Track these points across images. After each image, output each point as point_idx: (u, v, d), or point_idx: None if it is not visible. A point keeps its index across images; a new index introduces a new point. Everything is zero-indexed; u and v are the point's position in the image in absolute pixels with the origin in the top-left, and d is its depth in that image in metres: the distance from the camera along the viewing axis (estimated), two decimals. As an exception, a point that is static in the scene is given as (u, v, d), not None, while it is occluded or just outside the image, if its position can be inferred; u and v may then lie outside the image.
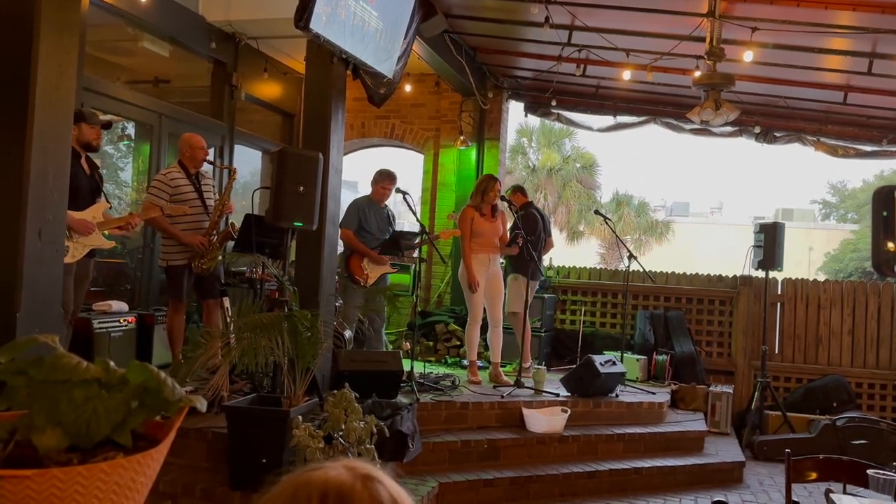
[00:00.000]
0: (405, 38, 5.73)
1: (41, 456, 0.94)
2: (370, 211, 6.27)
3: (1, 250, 3.09)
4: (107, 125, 4.83)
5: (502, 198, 6.35)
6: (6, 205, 3.09)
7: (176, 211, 5.05)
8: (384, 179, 6.31)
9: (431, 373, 6.02)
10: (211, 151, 5.98)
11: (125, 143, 7.14)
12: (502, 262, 6.49)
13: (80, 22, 3.51)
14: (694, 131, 8.35)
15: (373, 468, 0.83)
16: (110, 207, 4.80)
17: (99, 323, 5.17)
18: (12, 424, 0.98)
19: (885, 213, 3.46)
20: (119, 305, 5.57)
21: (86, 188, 4.57)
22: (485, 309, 6.24)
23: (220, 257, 5.25)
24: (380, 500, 0.79)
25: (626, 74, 6.88)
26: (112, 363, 1.02)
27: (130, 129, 7.02)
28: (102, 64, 7.00)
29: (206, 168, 5.49)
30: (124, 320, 5.43)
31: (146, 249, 6.68)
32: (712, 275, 8.29)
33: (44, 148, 3.14)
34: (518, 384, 5.83)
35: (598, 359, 5.95)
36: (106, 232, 4.66)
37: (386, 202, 6.47)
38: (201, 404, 1.01)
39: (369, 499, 0.78)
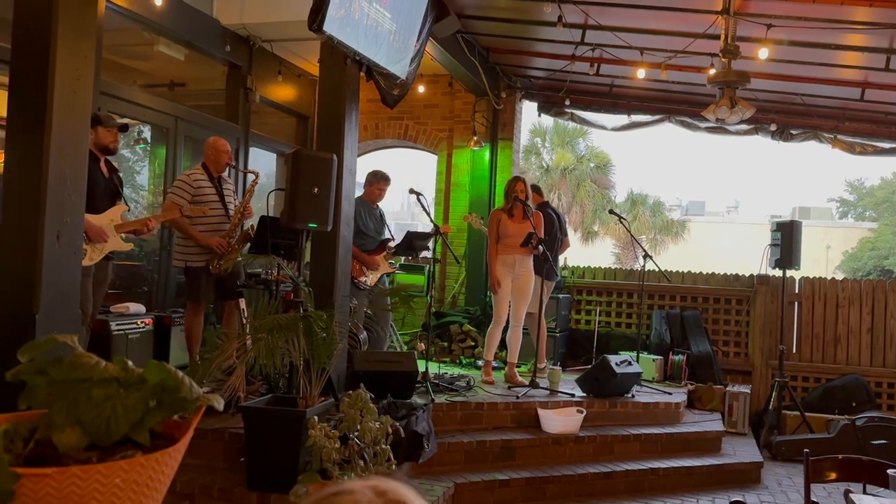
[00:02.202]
0: (418, 39, 5.74)
1: (61, 454, 0.95)
2: (365, 212, 6.31)
3: (20, 252, 3.13)
4: (123, 128, 4.89)
5: (516, 198, 6.34)
6: (25, 208, 3.13)
7: (195, 212, 5.10)
8: (380, 181, 6.39)
9: (446, 373, 6.03)
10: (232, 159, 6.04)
11: (141, 146, 7.21)
12: None
13: (97, 27, 3.55)
14: (709, 129, 8.29)
15: (402, 492, 0.77)
16: (128, 210, 4.84)
17: (116, 325, 5.21)
18: (32, 423, 0.99)
19: None
20: (136, 307, 5.61)
21: (104, 191, 4.62)
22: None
23: (238, 258, 5.28)
24: None
25: (641, 73, 6.85)
26: (130, 363, 1.03)
27: (146, 133, 7.08)
28: (119, 68, 7.07)
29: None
30: (142, 322, 5.47)
31: (163, 251, 6.73)
32: (729, 274, 8.23)
33: (62, 151, 3.18)
34: (533, 384, 5.82)
35: (613, 359, 5.92)
36: (122, 235, 4.70)
37: (379, 203, 6.54)
38: (218, 403, 1.02)
39: None
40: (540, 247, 5.98)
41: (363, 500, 0.74)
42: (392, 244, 6.51)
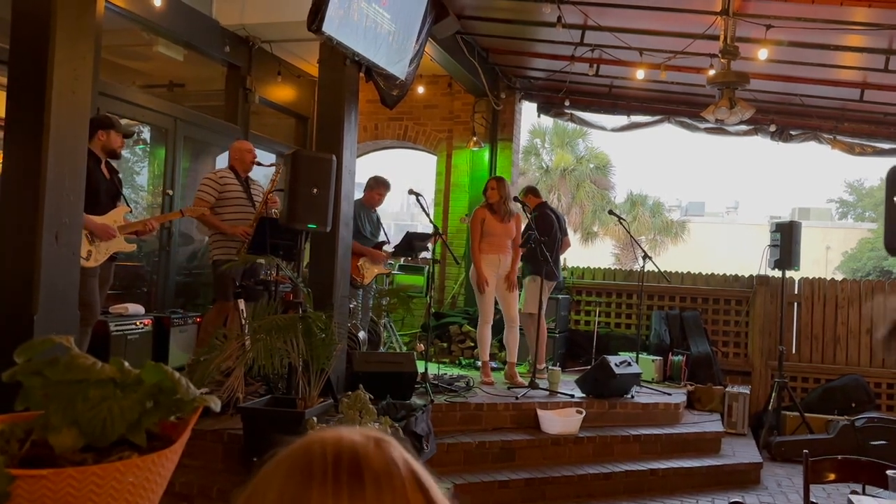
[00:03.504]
0: (417, 40, 5.74)
1: (57, 456, 0.94)
2: (364, 215, 6.40)
3: (18, 253, 3.13)
4: (129, 134, 4.99)
5: (515, 199, 6.33)
6: (24, 208, 3.13)
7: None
8: (380, 186, 6.55)
9: (446, 374, 6.02)
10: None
11: (141, 147, 7.20)
12: (519, 265, 6.48)
13: (96, 27, 3.55)
14: (709, 130, 8.30)
15: (384, 433, 0.82)
16: (130, 211, 4.85)
17: (115, 326, 5.20)
18: (28, 424, 0.98)
19: None
20: (135, 308, 5.60)
21: (105, 193, 4.62)
22: (499, 309, 6.25)
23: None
24: (394, 462, 0.78)
25: (640, 74, 6.85)
26: (127, 363, 1.03)
27: (146, 133, 7.07)
28: (118, 68, 7.06)
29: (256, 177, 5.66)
30: (140, 323, 5.46)
31: (162, 252, 6.72)
32: (728, 274, 8.23)
33: (60, 152, 3.18)
34: (533, 385, 5.82)
35: (613, 359, 5.92)
36: (125, 235, 4.70)
37: (377, 207, 6.68)
38: (215, 404, 1.01)
39: (383, 460, 0.78)
40: (532, 240, 6.00)
41: (346, 433, 0.80)
42: (387, 248, 6.55)
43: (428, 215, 6.20)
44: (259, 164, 5.72)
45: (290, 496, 0.75)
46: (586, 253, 20.94)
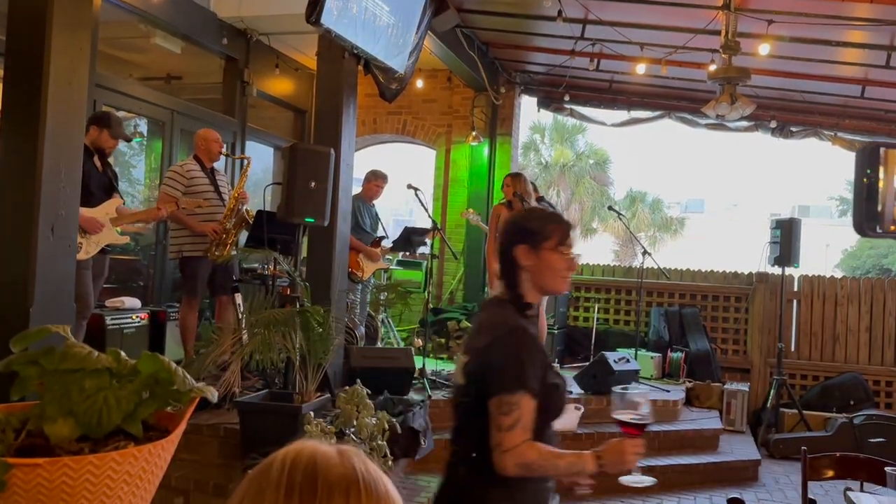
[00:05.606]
0: (417, 33, 5.71)
1: (53, 445, 0.93)
2: (364, 209, 6.40)
3: (14, 245, 3.10)
4: (126, 139, 4.95)
5: (515, 194, 6.32)
6: (19, 200, 3.10)
7: (190, 205, 5.04)
8: (378, 179, 6.55)
9: (443, 370, 6.01)
10: (223, 149, 6.02)
11: (137, 139, 7.17)
12: None
13: (93, 18, 3.52)
14: (709, 126, 8.28)
15: (360, 451, 0.84)
16: (123, 203, 4.81)
17: (111, 319, 5.17)
18: (24, 414, 0.97)
19: (868, 171, 3.39)
20: (131, 302, 5.57)
21: (98, 185, 4.60)
22: None
23: (234, 252, 5.24)
24: (353, 473, 0.80)
25: (640, 68, 6.82)
26: (123, 353, 1.01)
27: (143, 126, 7.04)
28: (115, 61, 7.03)
29: (218, 165, 5.51)
30: (137, 317, 5.43)
31: (159, 246, 6.70)
32: (728, 271, 8.22)
33: (56, 144, 3.15)
34: (531, 381, 5.80)
35: (611, 356, 5.91)
36: (118, 228, 4.67)
37: (375, 200, 6.69)
38: (212, 394, 1.00)
39: (341, 471, 0.80)
40: None
41: (313, 443, 0.83)
42: (385, 242, 6.54)
43: (426, 210, 6.18)
44: (226, 154, 5.64)
45: (248, 502, 0.79)
46: (585, 249, 20.94)
